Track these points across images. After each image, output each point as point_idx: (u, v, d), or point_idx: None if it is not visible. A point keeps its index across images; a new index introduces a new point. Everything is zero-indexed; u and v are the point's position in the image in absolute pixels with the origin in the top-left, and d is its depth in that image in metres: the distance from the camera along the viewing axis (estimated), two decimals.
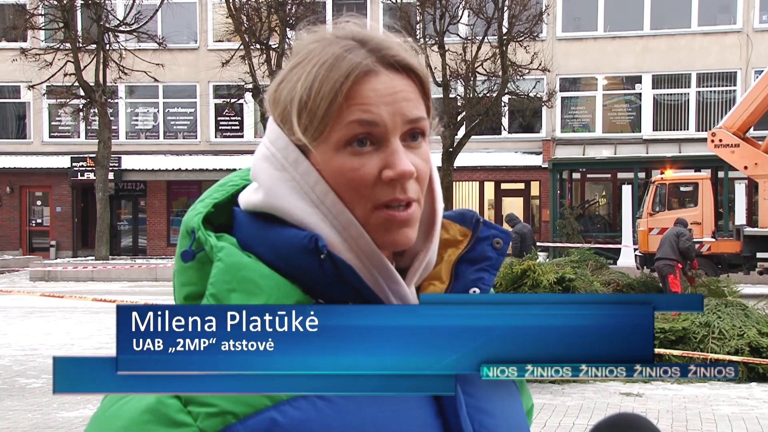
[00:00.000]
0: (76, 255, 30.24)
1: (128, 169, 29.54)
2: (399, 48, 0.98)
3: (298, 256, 0.94)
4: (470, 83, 23.77)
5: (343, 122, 0.94)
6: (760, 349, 9.08)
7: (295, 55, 1.00)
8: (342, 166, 0.94)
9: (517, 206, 30.95)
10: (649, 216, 20.33)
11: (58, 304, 16.17)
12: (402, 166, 0.94)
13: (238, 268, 0.93)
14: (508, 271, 9.77)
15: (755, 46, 27.98)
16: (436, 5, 23.71)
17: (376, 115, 0.94)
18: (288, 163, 0.97)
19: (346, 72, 0.94)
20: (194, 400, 0.87)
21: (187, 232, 0.98)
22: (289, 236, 0.94)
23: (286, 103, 0.97)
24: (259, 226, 0.97)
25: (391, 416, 0.91)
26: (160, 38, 26.74)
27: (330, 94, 0.93)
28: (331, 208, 0.96)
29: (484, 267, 1.05)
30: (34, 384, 8.96)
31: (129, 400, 0.89)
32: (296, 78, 0.97)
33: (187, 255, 0.96)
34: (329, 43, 0.97)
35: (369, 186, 0.95)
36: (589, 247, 20.40)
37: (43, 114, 31.37)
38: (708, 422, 7.29)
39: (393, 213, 0.96)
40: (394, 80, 0.96)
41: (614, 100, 29.76)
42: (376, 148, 0.95)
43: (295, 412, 0.88)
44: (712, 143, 18.31)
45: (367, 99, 0.94)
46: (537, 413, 7.54)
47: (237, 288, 0.91)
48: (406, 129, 0.96)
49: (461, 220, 1.08)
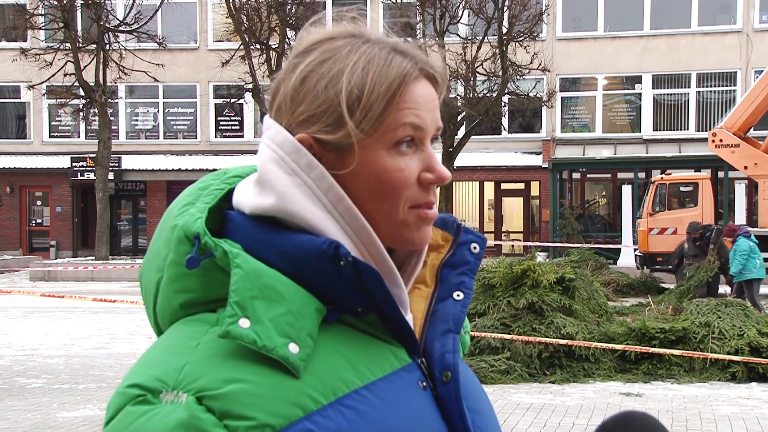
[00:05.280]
0: (76, 255, 30.24)
1: (128, 169, 29.55)
2: (430, 59, 1.02)
3: (314, 262, 0.93)
4: (470, 83, 23.77)
5: (398, 123, 0.96)
6: (760, 349, 9.08)
7: (313, 50, 0.98)
8: (389, 166, 0.96)
9: (517, 206, 30.97)
10: (649, 216, 20.33)
11: (58, 304, 16.18)
12: (442, 171, 0.99)
13: (258, 274, 0.91)
14: (508, 271, 9.75)
15: (755, 46, 27.98)
16: (436, 5, 23.71)
17: (424, 120, 0.97)
18: (299, 168, 0.95)
19: (400, 75, 0.96)
20: (230, 414, 0.84)
21: (186, 238, 0.94)
22: (304, 242, 0.93)
23: (324, 98, 0.95)
24: (265, 230, 0.95)
25: (410, 422, 0.93)
26: (160, 38, 26.74)
27: (387, 94, 0.95)
28: (344, 214, 0.95)
29: (464, 271, 1.07)
30: (34, 384, 8.96)
31: (154, 414, 0.84)
32: (334, 72, 0.95)
33: (194, 261, 0.93)
34: (363, 42, 0.98)
35: (409, 187, 0.97)
36: (589, 247, 20.42)
37: (43, 114, 31.38)
38: (708, 422, 7.29)
39: (425, 211, 0.99)
40: (430, 88, 1.00)
41: (614, 100, 29.76)
42: (415, 150, 0.98)
43: (328, 422, 0.87)
44: (713, 143, 18.32)
45: (418, 104, 0.97)
46: (537, 413, 7.54)
47: (259, 295, 0.89)
48: (434, 135, 1.00)
49: (443, 226, 1.09)
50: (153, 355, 0.92)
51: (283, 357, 0.87)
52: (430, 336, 1.01)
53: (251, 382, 0.86)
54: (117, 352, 11.14)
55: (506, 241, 29.46)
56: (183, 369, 0.87)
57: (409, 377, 0.96)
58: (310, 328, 0.91)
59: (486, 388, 8.52)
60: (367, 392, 0.91)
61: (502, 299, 9.57)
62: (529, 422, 7.23)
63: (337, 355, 0.92)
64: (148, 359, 0.91)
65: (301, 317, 0.90)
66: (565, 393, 8.44)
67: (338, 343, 0.94)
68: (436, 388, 0.98)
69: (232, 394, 0.85)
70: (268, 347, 0.87)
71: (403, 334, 0.98)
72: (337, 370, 0.91)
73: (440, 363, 0.99)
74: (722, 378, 9.03)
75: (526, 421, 7.25)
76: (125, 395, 0.87)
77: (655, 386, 8.82)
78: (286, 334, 0.88)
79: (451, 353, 1.00)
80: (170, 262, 0.95)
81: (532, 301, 9.37)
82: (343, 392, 0.90)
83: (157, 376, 0.87)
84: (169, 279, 0.96)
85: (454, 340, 1.01)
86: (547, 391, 8.52)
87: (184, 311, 0.96)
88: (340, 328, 0.95)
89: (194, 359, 0.88)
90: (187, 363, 0.87)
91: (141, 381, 0.87)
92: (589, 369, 9.12)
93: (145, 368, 0.89)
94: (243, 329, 0.87)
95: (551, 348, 9.08)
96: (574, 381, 8.91)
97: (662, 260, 19.53)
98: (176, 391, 0.85)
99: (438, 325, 1.02)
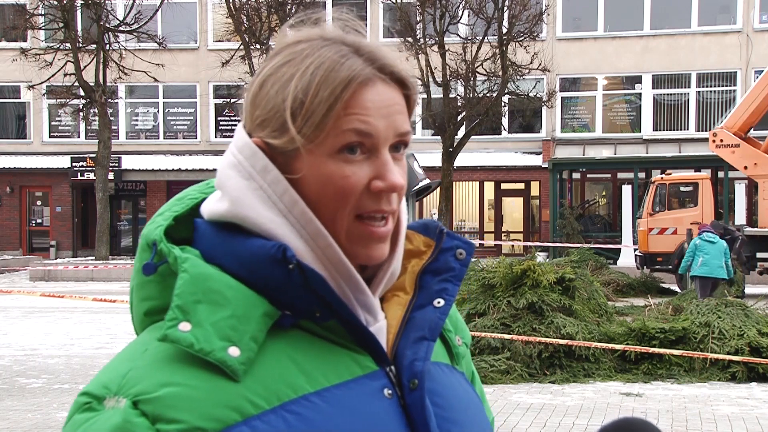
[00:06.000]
0: (76, 255, 30.24)
1: (128, 169, 29.56)
2: (395, 60, 0.97)
3: (265, 266, 0.92)
4: (470, 83, 23.77)
5: (340, 129, 0.92)
6: (760, 349, 9.08)
7: (279, 54, 0.97)
8: (333, 173, 0.93)
9: (517, 206, 30.97)
10: (649, 216, 20.33)
11: (58, 304, 16.18)
12: (393, 178, 0.94)
13: (204, 279, 0.90)
14: (508, 271, 9.75)
15: (755, 46, 27.98)
16: (436, 5, 23.71)
17: (373, 126, 0.93)
18: (255, 172, 0.95)
19: (346, 79, 0.92)
20: (162, 417, 0.85)
21: (147, 246, 0.95)
22: (256, 246, 0.92)
23: (274, 103, 0.94)
24: (224, 236, 0.95)
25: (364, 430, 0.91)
26: (160, 38, 26.75)
27: (329, 100, 0.92)
28: (299, 218, 0.94)
29: (447, 278, 1.04)
30: (34, 384, 8.96)
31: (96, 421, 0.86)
32: (287, 77, 0.94)
33: (149, 268, 0.94)
34: (321, 46, 0.95)
35: (356, 194, 0.94)
36: (589, 247, 20.43)
37: (43, 114, 31.39)
38: (708, 422, 7.29)
39: (372, 228, 0.95)
40: (389, 92, 0.95)
41: (614, 100, 29.76)
42: (367, 157, 0.94)
43: (267, 427, 0.87)
44: (714, 143, 18.31)
45: (366, 109, 0.93)
46: (537, 413, 7.55)
47: (203, 299, 0.89)
48: (395, 141, 0.96)
49: (425, 231, 1.07)
50: (110, 363, 0.93)
51: (220, 360, 0.87)
52: (402, 343, 0.99)
53: (186, 385, 0.86)
54: (117, 352, 11.10)
55: (506, 241, 29.46)
56: (126, 375, 0.88)
57: (372, 385, 0.94)
58: (254, 332, 0.89)
59: (486, 388, 8.54)
60: (317, 398, 0.90)
61: (502, 299, 9.58)
62: (529, 422, 7.23)
63: (288, 361, 0.91)
64: (106, 367, 0.93)
65: (246, 321, 0.89)
66: (565, 393, 8.44)
67: (291, 348, 0.92)
68: (404, 396, 0.96)
69: (166, 397, 0.85)
70: (205, 350, 0.87)
71: (367, 341, 0.96)
72: (285, 375, 0.90)
73: (409, 371, 0.96)
74: (722, 378, 9.03)
75: (526, 421, 7.25)
76: (76, 403, 0.90)
77: (655, 386, 8.82)
78: (228, 338, 0.88)
79: (421, 361, 0.97)
80: (135, 271, 0.97)
81: (532, 301, 9.38)
82: (289, 397, 0.89)
83: (103, 383, 0.89)
84: (135, 287, 0.98)
85: (427, 348, 0.99)
86: (547, 391, 8.52)
87: (149, 319, 0.96)
88: (298, 333, 0.94)
89: (138, 365, 0.89)
90: (132, 368, 0.89)
91: (90, 389, 0.89)
92: (589, 369, 9.12)
93: (98, 376, 0.91)
94: (182, 333, 0.87)
95: (551, 348, 9.08)
96: (574, 381, 8.91)
97: (662, 260, 19.54)
98: (117, 397, 0.87)
99: (412, 332, 1.00)
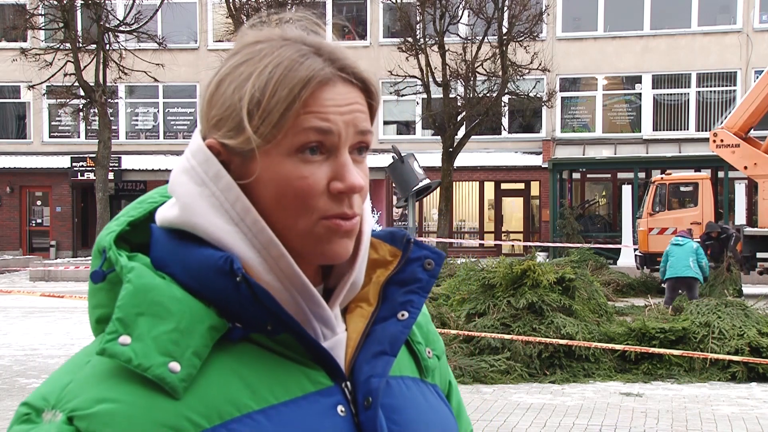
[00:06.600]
0: (76, 255, 30.24)
1: (128, 169, 29.56)
2: (354, 60, 0.95)
3: (213, 277, 0.88)
4: (470, 83, 23.76)
5: (299, 128, 0.90)
6: (760, 349, 9.08)
7: (238, 53, 0.95)
8: (290, 173, 0.90)
9: (517, 206, 30.97)
10: (649, 216, 20.34)
11: (58, 304, 16.17)
12: (352, 179, 0.91)
13: (147, 290, 0.87)
14: (508, 271, 9.75)
15: (755, 46, 27.98)
16: (436, 5, 23.69)
17: (333, 123, 0.91)
18: (208, 178, 0.91)
19: (305, 78, 0.90)
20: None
21: (98, 252, 0.92)
22: (204, 256, 0.89)
23: (230, 102, 0.92)
24: (175, 244, 0.91)
25: None
26: (160, 38, 26.72)
27: (287, 99, 0.90)
28: (252, 227, 0.90)
29: (413, 289, 1.00)
30: (34, 384, 8.96)
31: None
32: (244, 76, 0.92)
33: (97, 276, 0.91)
34: (281, 45, 0.93)
35: (316, 196, 0.91)
36: (589, 247, 20.43)
37: (43, 114, 31.39)
38: (708, 422, 7.29)
39: (339, 222, 0.92)
40: (349, 92, 0.93)
41: (614, 100, 29.76)
42: (326, 158, 0.92)
43: None
44: (714, 143, 18.31)
45: (325, 108, 0.91)
46: (537, 413, 7.55)
47: (145, 312, 0.86)
48: (356, 141, 0.93)
49: (391, 240, 1.03)
50: (54, 373, 0.91)
51: (159, 377, 0.84)
52: (360, 358, 0.95)
53: (123, 402, 0.83)
54: None
55: (506, 241, 29.46)
56: (66, 387, 0.86)
57: (325, 402, 0.91)
58: (198, 346, 0.86)
59: (486, 388, 8.55)
60: (262, 416, 0.87)
61: (502, 299, 9.58)
62: (529, 422, 7.23)
63: (233, 376, 0.88)
64: (50, 377, 0.90)
65: (189, 335, 0.86)
66: (565, 393, 8.44)
67: (237, 363, 0.89)
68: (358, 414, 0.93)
69: (101, 414, 0.82)
70: (143, 366, 0.84)
71: (321, 356, 0.92)
72: (229, 392, 0.87)
73: (364, 387, 0.93)
74: (722, 378, 9.03)
75: (526, 421, 7.25)
76: (16, 414, 0.88)
77: (655, 386, 8.82)
78: (168, 353, 0.85)
79: (378, 377, 0.94)
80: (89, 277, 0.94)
81: (532, 301, 9.38)
82: (231, 416, 0.86)
83: (43, 394, 0.87)
84: (88, 294, 0.95)
85: (386, 363, 0.95)
86: (547, 391, 8.52)
87: (100, 327, 0.92)
88: (247, 347, 0.91)
89: (79, 377, 0.87)
90: (72, 381, 0.86)
91: (30, 399, 0.87)
92: (589, 369, 9.12)
93: (41, 386, 0.89)
94: (120, 347, 0.84)
95: (551, 348, 9.08)
96: (574, 381, 8.91)
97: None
98: (54, 411, 0.85)
99: (372, 346, 0.96)
